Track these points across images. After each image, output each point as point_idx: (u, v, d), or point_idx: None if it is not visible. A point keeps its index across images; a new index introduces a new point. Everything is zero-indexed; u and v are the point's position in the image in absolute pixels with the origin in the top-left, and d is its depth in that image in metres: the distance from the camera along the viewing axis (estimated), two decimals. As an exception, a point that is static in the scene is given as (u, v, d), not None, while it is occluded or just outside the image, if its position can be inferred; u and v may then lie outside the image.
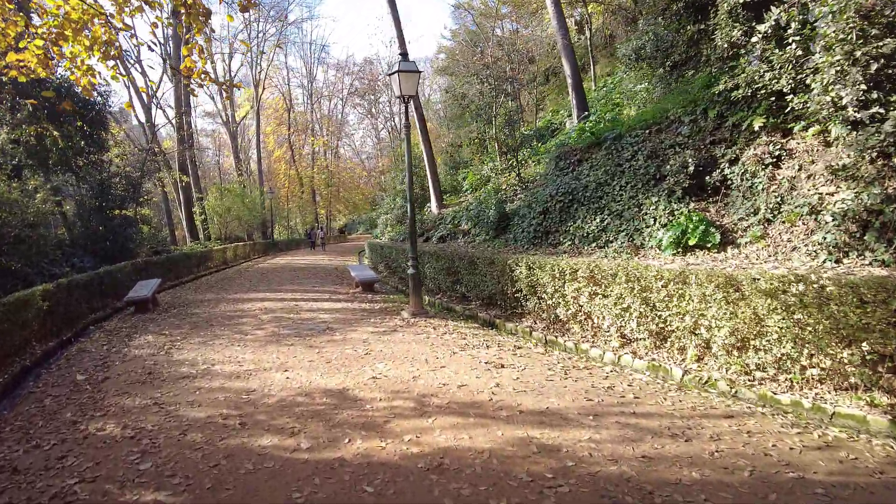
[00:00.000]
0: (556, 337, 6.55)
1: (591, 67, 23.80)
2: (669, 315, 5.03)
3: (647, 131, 9.00)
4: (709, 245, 6.74)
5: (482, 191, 15.83)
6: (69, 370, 6.18)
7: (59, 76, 15.12)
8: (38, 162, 15.15)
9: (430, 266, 10.29)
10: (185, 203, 26.12)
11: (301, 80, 54.63)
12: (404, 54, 7.63)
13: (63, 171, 16.04)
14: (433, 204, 17.48)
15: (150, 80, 28.17)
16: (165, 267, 15.27)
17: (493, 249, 10.47)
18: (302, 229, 54.33)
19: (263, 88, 43.77)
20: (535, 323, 7.30)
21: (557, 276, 6.53)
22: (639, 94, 12.69)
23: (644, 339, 5.41)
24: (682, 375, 4.81)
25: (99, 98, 16.84)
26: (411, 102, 8.29)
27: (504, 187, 15.19)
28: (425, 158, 16.98)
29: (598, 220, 8.49)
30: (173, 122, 26.66)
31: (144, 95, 27.12)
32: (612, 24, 29.87)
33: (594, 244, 8.39)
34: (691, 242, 6.82)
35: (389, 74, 7.70)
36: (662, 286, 5.11)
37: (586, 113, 16.09)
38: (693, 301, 4.75)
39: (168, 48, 27.64)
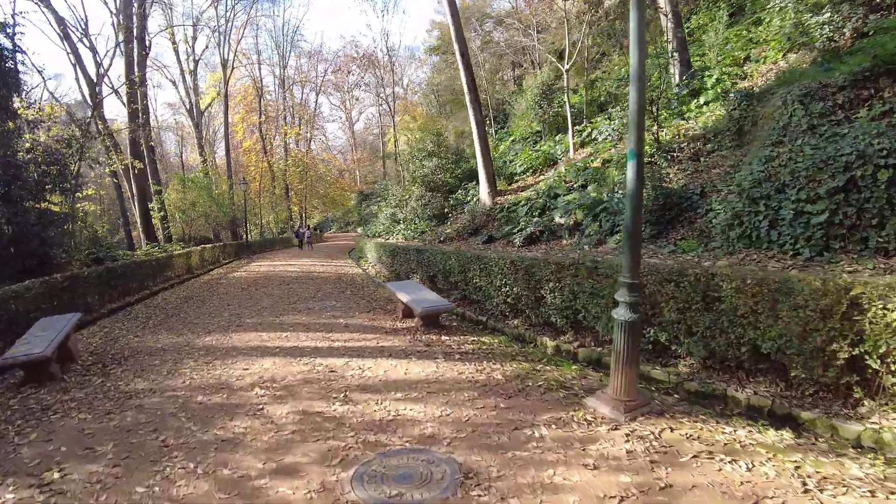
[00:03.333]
0: None
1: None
2: None
3: None
4: None
5: (582, 168, 11.27)
6: None
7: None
8: None
9: (565, 290, 5.95)
10: (140, 196, 20.75)
11: (272, 68, 49.18)
12: None
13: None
14: (484, 191, 12.79)
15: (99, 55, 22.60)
16: (102, 283, 10.31)
17: (694, 261, 6.06)
18: (275, 228, 48.96)
19: (232, 69, 38.41)
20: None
21: None
22: (813, 28, 8.62)
23: None
24: None
25: (5, 40, 11.66)
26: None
27: (598, 165, 10.89)
28: (474, 126, 12.25)
29: None
30: (123, 93, 21.16)
31: (91, 69, 21.65)
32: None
33: None
34: None
35: None
36: None
37: (691, 71, 12.03)
38: None
39: (119, 19, 22.85)
